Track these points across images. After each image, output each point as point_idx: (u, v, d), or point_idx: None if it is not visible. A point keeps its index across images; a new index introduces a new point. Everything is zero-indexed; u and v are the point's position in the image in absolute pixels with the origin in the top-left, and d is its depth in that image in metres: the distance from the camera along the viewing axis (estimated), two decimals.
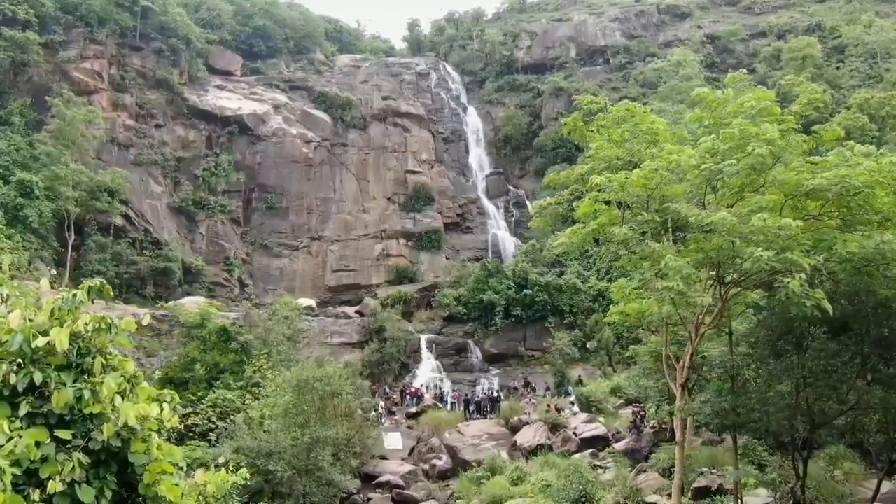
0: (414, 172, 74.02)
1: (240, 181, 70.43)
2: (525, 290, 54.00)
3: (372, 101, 78.85)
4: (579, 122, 22.02)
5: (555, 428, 32.92)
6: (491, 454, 26.73)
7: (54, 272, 54.01)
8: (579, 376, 45.83)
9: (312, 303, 61.93)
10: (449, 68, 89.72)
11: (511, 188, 78.26)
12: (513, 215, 74.42)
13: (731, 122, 17.15)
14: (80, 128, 58.43)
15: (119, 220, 61.99)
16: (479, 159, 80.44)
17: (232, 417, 24.65)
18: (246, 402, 25.70)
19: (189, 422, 25.32)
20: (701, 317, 18.74)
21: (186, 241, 67.38)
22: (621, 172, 18.57)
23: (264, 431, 22.40)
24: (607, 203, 20.20)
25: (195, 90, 73.77)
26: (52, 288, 43.74)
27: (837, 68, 70.31)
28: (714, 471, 24.54)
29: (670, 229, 19.36)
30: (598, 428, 32.91)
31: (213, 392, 26.13)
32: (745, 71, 28.35)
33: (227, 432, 23.07)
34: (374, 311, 52.89)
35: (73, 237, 56.47)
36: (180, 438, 25.53)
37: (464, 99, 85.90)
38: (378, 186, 73.78)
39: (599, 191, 19.19)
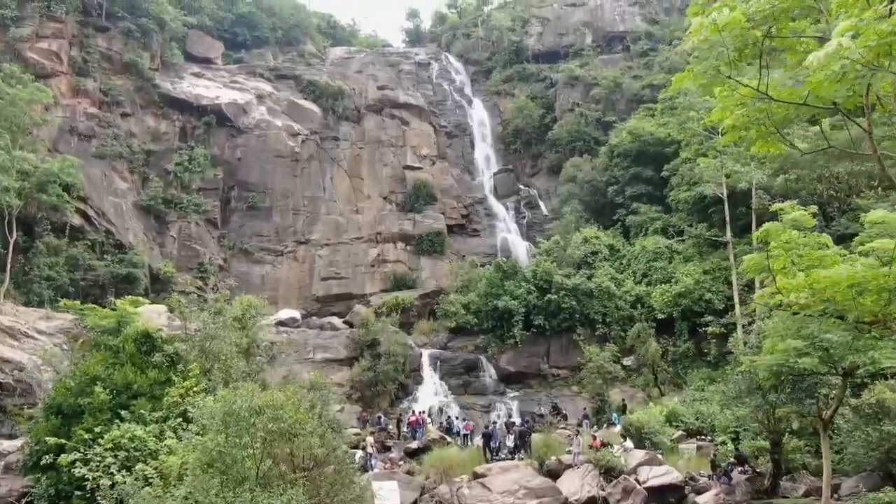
0: (413, 168, 65.86)
1: (217, 178, 62.29)
2: (549, 295, 45.32)
3: (367, 90, 70.90)
4: None
5: (608, 473, 24.14)
6: None
7: None
8: (623, 401, 37.12)
9: (297, 314, 53.80)
10: (451, 58, 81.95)
11: (522, 187, 70.28)
12: (524, 217, 66.31)
13: None
14: (26, 110, 50.21)
15: (76, 220, 53.75)
16: (485, 155, 72.42)
17: (141, 467, 15.90)
18: (165, 441, 16.99)
19: (77, 473, 16.54)
20: None
21: (155, 245, 59.06)
22: None
23: (185, 497, 13.70)
24: None
25: (168, 77, 65.77)
26: None
27: None
28: None
29: None
30: (668, 473, 24.12)
31: (118, 427, 17.45)
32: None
33: (117, 493, 14.40)
34: (366, 321, 44.33)
35: (14, 236, 47.98)
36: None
37: (468, 91, 77.97)
38: (373, 184, 65.59)
39: None
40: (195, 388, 18.37)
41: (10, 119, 49.26)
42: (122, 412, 18.35)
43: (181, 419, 17.77)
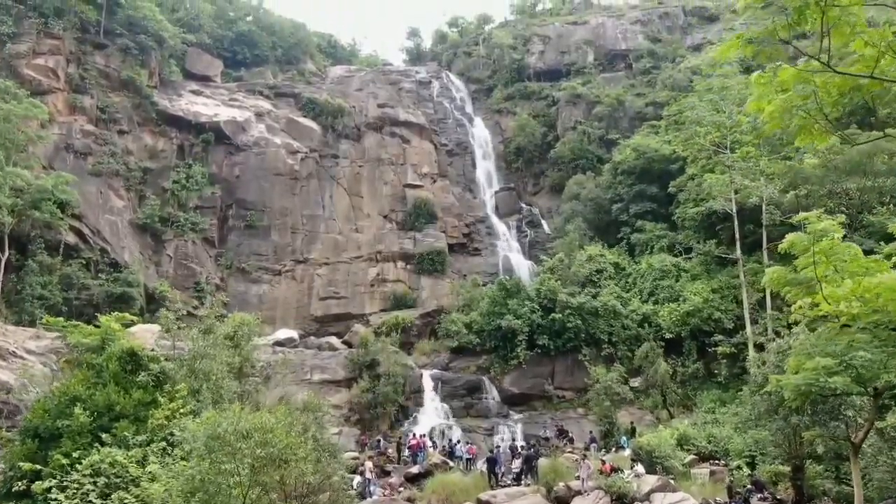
0: (414, 187, 64.97)
1: (215, 196, 61.42)
2: (553, 314, 44.10)
3: (367, 108, 70.23)
4: None
5: (620, 500, 22.85)
6: None
7: None
8: (632, 423, 35.79)
9: (294, 334, 52.62)
10: (452, 77, 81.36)
11: (524, 206, 69.33)
12: (526, 235, 65.30)
13: None
14: (20, 126, 49.38)
15: (70, 238, 52.80)
16: (487, 174, 71.55)
17: (121, 495, 14.73)
18: (148, 467, 15.76)
19: (52, 501, 15.33)
20: None
21: (151, 264, 58.01)
22: None
23: None
24: None
25: (166, 94, 65.13)
26: None
27: None
28: None
29: None
30: (684, 500, 22.79)
31: (98, 451, 16.24)
32: None
33: None
34: (365, 340, 43.03)
35: (6, 254, 46.93)
36: None
37: (469, 109, 77.26)
38: (373, 203, 64.62)
39: None
40: (182, 410, 17.18)
41: (3, 135, 48.36)
42: (103, 435, 17.12)
43: (165, 443, 16.56)
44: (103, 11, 62.17)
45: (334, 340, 48.61)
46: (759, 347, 37.44)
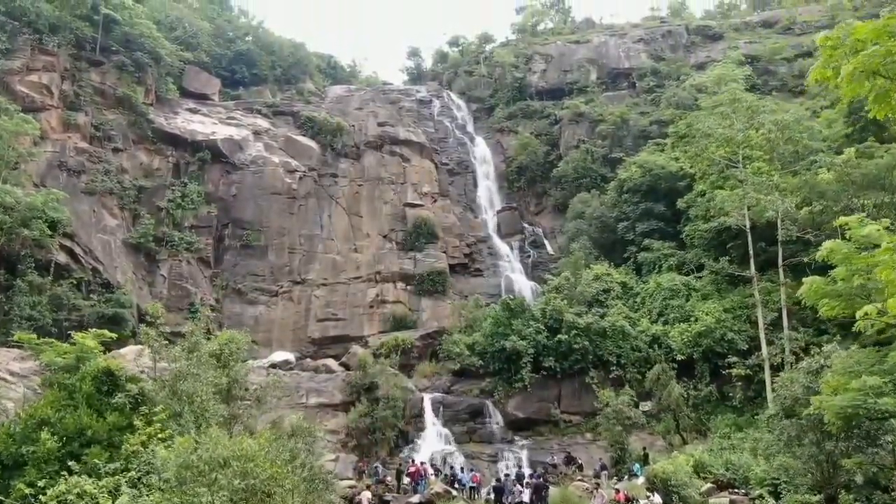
0: (414, 206, 63.64)
1: (211, 215, 60.20)
2: (559, 335, 42.46)
3: (366, 127, 69.20)
4: None
5: None
6: None
7: None
8: (644, 449, 34.06)
9: (291, 356, 51.13)
10: (453, 96, 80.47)
11: (526, 226, 67.89)
12: (529, 256, 63.95)
13: None
14: (11, 142, 48.22)
15: (62, 257, 51.42)
16: (488, 194, 70.31)
17: None
18: (119, 498, 14.10)
19: None
20: None
21: (144, 284, 56.62)
22: None
23: None
24: None
25: (163, 112, 64.14)
26: None
27: None
28: None
29: None
30: None
31: (65, 481, 14.61)
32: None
33: None
34: (364, 362, 41.42)
35: None
36: None
37: (470, 128, 76.25)
38: (372, 222, 63.30)
39: None
40: (160, 435, 15.56)
41: None
42: (72, 463, 15.49)
43: (139, 471, 14.88)
44: (99, 28, 61.43)
45: (331, 363, 47.00)
46: (776, 369, 35.89)
